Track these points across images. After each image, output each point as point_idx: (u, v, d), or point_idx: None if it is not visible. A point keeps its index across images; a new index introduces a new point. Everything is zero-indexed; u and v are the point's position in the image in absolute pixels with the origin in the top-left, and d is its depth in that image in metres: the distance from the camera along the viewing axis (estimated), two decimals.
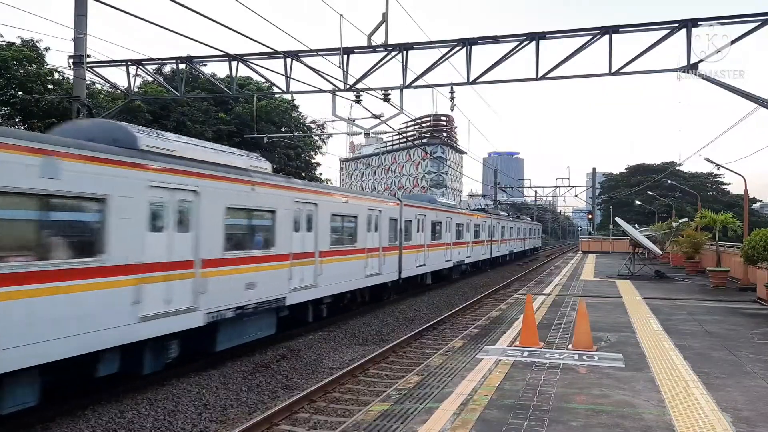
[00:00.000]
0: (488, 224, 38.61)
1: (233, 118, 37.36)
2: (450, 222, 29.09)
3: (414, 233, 23.58)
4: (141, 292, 9.26)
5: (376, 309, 19.70)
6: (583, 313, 10.47)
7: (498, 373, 8.54)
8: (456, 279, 30.81)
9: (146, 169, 9.56)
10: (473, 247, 33.91)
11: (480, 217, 37.11)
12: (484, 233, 37.12)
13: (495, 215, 42.57)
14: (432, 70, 17.83)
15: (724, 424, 6.32)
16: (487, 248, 38.27)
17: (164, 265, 9.82)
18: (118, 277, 8.86)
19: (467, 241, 32.49)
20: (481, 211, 42.55)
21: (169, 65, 27.72)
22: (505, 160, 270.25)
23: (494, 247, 40.35)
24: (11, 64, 25.88)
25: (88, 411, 8.79)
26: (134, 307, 9.14)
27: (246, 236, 12.64)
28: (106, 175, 8.77)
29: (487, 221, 38.45)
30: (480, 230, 35.99)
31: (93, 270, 8.46)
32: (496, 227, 41.37)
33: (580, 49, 16.25)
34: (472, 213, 36.73)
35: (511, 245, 47.65)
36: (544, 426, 6.21)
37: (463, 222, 31.78)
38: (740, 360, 9.56)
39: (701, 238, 28.60)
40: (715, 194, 75.53)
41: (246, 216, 12.65)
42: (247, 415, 9.52)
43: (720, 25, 15.25)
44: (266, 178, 13.18)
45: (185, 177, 10.41)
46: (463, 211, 34.21)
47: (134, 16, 10.52)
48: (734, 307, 16.22)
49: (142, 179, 9.46)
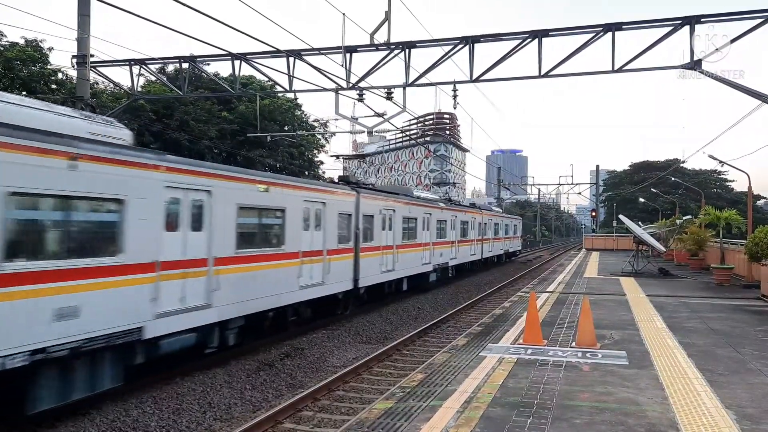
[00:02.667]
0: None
1: (236, 117, 37.43)
2: (429, 219, 24.86)
3: (378, 232, 19.61)
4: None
5: (379, 307, 19.70)
6: (587, 311, 10.47)
7: (501, 370, 8.54)
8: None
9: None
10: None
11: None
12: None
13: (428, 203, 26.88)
14: (435, 68, 17.86)
15: (728, 422, 6.32)
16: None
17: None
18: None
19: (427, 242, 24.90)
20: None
21: (172, 65, 27.80)
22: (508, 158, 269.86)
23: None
24: (15, 64, 26.01)
25: (93, 410, 8.82)
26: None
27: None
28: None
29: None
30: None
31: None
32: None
33: (583, 46, 16.23)
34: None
35: (456, 252, 29.94)
36: (548, 423, 6.21)
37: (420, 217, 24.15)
38: (744, 357, 9.55)
39: (705, 236, 28.55)
40: (719, 191, 75.36)
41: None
42: (251, 413, 9.55)
43: (723, 21, 15.21)
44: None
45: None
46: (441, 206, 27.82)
47: (137, 15, 10.55)
48: (738, 304, 16.18)
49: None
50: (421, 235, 24.06)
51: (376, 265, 19.48)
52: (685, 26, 15.29)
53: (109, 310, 8.68)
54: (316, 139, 46.13)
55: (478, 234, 34.90)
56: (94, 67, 19.44)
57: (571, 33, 16.62)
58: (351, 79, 18.29)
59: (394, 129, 39.39)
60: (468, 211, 33.33)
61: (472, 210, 34.89)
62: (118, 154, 9.02)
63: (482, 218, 36.17)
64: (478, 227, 34.93)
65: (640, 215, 59.63)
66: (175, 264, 10.10)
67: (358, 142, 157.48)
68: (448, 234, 28.30)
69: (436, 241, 26.16)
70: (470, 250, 33.02)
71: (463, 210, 32.53)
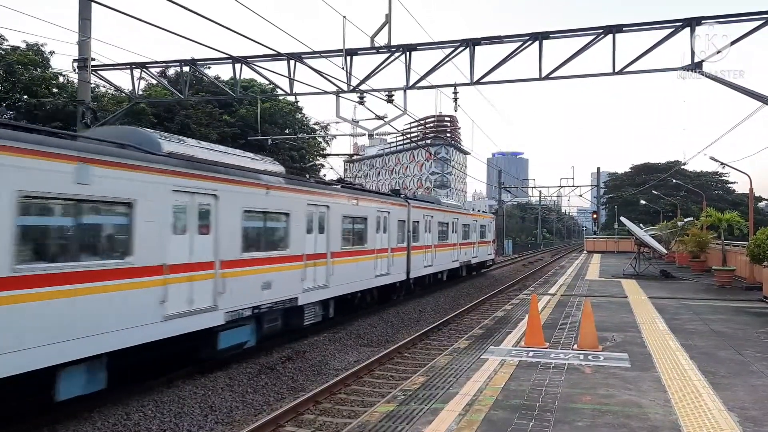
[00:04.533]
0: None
1: (237, 120, 37.43)
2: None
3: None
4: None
5: (380, 310, 19.69)
6: (589, 313, 10.45)
7: (503, 373, 8.53)
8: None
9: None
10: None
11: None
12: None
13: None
14: (435, 71, 17.85)
15: (731, 424, 6.30)
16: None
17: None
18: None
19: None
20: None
21: (173, 68, 27.77)
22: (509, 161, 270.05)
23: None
24: (16, 68, 26.03)
25: (94, 413, 8.81)
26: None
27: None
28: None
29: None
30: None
31: None
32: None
33: (584, 48, 16.22)
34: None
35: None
36: (550, 426, 6.19)
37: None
38: (747, 359, 9.52)
39: (707, 237, 28.51)
40: (721, 193, 75.31)
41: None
42: (252, 416, 9.54)
43: (724, 23, 15.20)
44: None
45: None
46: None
47: (138, 19, 10.56)
48: (740, 306, 16.15)
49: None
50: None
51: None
52: (686, 28, 15.29)
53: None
54: (317, 142, 46.14)
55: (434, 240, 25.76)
56: (95, 70, 19.46)
57: (571, 35, 16.62)
58: (352, 81, 18.31)
59: (394, 131, 39.33)
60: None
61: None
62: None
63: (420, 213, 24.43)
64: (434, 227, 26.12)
65: (641, 217, 59.59)
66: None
67: (359, 145, 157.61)
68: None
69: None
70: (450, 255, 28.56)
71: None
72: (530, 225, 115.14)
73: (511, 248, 75.70)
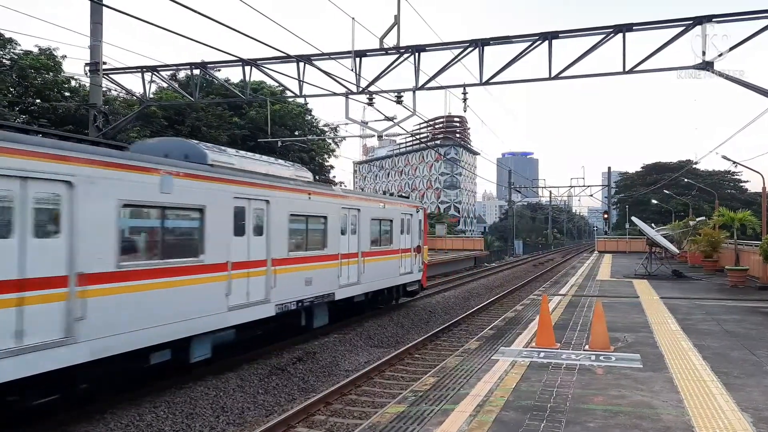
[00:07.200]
0: None
1: (247, 122, 37.60)
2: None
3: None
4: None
5: (390, 311, 19.71)
6: (600, 314, 10.39)
7: (514, 374, 8.51)
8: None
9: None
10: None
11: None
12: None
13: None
14: (444, 72, 17.83)
15: (745, 425, 6.25)
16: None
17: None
18: None
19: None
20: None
21: (183, 71, 28.01)
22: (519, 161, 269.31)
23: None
24: (29, 72, 26.29)
25: (107, 414, 8.89)
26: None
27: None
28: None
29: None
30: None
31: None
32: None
33: (594, 47, 16.14)
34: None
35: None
36: (561, 427, 6.17)
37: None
38: (760, 360, 9.43)
39: (719, 237, 28.25)
40: (733, 192, 74.56)
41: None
42: (264, 417, 9.58)
43: (735, 21, 15.08)
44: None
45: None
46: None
47: (149, 23, 10.64)
48: (753, 306, 16.01)
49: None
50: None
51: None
52: (697, 26, 15.17)
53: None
54: (327, 143, 46.23)
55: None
56: (107, 74, 19.63)
57: (581, 35, 16.53)
58: (361, 83, 18.34)
59: (404, 132, 39.31)
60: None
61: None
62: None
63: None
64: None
65: (652, 217, 59.16)
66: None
67: (368, 146, 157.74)
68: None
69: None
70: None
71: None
72: (540, 225, 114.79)
73: (522, 249, 75.49)
